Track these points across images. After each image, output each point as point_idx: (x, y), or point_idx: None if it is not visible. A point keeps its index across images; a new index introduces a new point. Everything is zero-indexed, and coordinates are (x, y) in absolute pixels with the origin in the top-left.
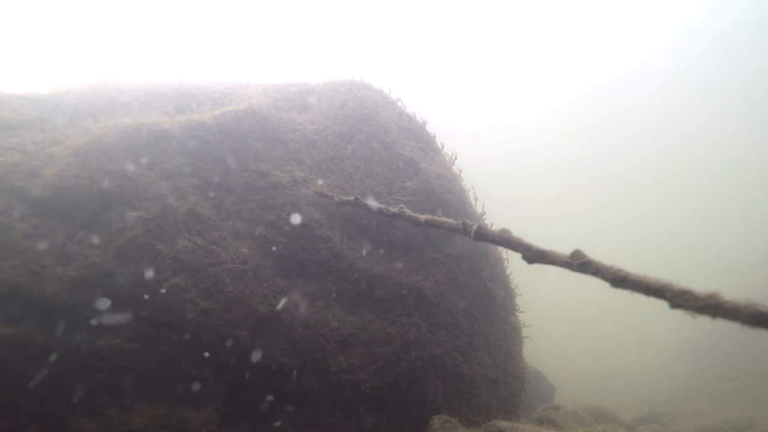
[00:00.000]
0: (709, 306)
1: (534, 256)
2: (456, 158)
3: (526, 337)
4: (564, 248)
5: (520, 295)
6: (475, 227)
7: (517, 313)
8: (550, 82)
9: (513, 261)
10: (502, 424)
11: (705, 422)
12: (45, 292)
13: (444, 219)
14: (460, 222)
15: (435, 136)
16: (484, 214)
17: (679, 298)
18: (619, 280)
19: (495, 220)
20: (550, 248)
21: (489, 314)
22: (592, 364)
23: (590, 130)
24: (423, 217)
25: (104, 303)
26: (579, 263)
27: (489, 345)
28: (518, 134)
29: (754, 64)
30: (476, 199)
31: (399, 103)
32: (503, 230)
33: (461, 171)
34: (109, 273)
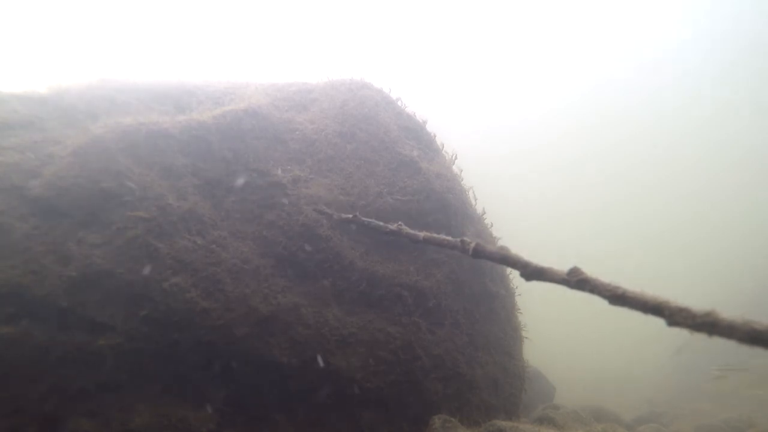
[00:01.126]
0: (706, 324)
1: (532, 273)
2: (456, 158)
3: (526, 339)
4: (564, 248)
5: (520, 295)
6: (473, 245)
7: (518, 313)
8: (550, 82)
9: None
10: (503, 423)
11: (705, 422)
12: (45, 292)
13: (442, 237)
14: (458, 239)
15: (435, 136)
16: (484, 213)
17: (677, 316)
18: (617, 297)
19: (495, 220)
20: (547, 265)
21: (489, 314)
22: (592, 363)
23: (590, 130)
24: (421, 234)
25: None
26: (576, 280)
27: (489, 344)
28: (518, 134)
29: (755, 64)
30: (476, 200)
31: (399, 103)
32: (501, 248)
33: (461, 171)
34: (109, 273)
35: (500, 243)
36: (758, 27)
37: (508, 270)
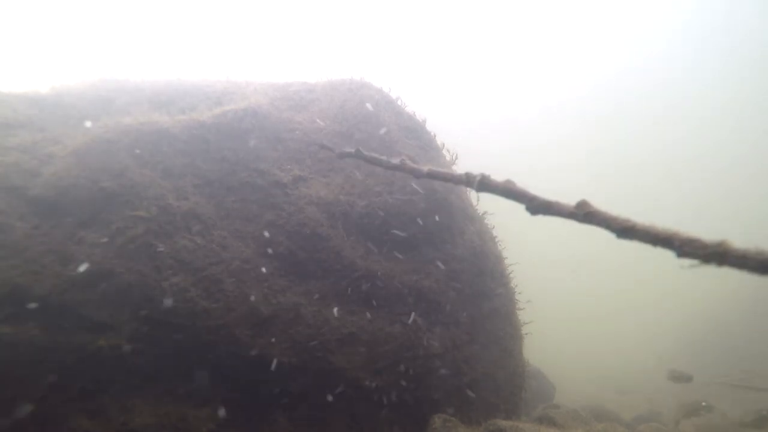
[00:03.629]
0: (717, 254)
1: (538, 207)
2: (457, 157)
3: (526, 333)
4: (568, 247)
5: (520, 293)
6: (478, 178)
7: (517, 311)
8: (553, 78)
9: (514, 260)
10: (503, 423)
11: (705, 420)
12: (45, 292)
13: (446, 171)
14: (463, 173)
15: (435, 136)
16: (485, 213)
17: (687, 246)
18: (626, 230)
19: (497, 221)
20: (554, 199)
21: (489, 312)
22: (592, 362)
23: (594, 126)
24: (425, 168)
25: None
26: (584, 213)
27: (489, 343)
28: (521, 132)
29: (757, 64)
30: (478, 200)
31: (398, 102)
32: (507, 181)
33: (466, 172)
34: (109, 273)
35: (500, 243)
36: None
37: (509, 269)
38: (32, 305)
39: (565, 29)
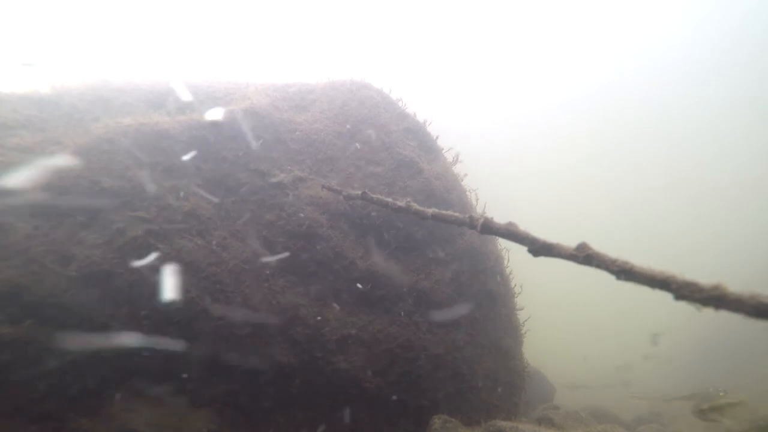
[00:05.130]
0: (714, 297)
1: (540, 249)
2: (458, 159)
3: (526, 330)
4: (570, 245)
5: (520, 293)
6: (481, 221)
7: (517, 312)
8: (556, 79)
9: (513, 260)
10: (502, 423)
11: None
12: (45, 292)
13: (451, 213)
14: (466, 216)
15: (437, 138)
16: (484, 213)
17: (684, 290)
18: (624, 272)
19: (499, 219)
20: (555, 241)
21: (489, 313)
22: (592, 364)
23: (599, 127)
24: (429, 211)
25: None
26: (584, 255)
27: (489, 344)
28: (523, 134)
29: (759, 66)
30: (477, 200)
31: (399, 103)
32: (509, 223)
33: (466, 174)
34: (109, 273)
35: (500, 243)
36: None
37: (509, 269)
38: (32, 305)
39: (570, 30)
